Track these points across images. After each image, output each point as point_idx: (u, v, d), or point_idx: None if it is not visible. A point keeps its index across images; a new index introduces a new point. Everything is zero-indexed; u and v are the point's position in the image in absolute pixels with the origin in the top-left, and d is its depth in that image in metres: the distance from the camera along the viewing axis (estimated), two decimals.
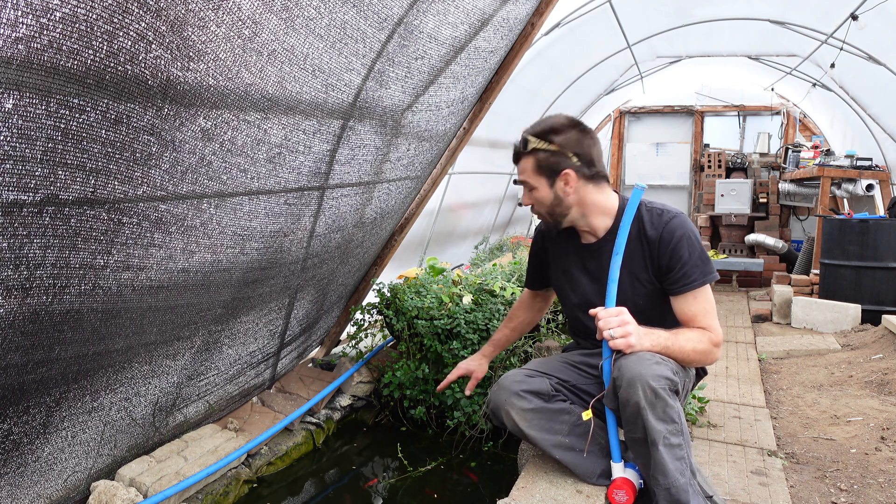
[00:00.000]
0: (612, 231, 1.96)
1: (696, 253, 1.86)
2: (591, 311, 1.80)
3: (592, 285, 2.02)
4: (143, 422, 2.34)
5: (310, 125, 2.00)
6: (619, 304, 1.87)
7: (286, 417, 2.87)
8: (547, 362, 2.07)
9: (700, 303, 1.87)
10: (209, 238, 1.94)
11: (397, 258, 4.03)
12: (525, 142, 1.91)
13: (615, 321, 1.74)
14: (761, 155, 7.63)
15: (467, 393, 2.35)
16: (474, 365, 2.38)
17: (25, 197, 1.31)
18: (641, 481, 1.83)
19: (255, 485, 2.62)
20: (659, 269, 1.89)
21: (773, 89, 7.50)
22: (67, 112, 1.26)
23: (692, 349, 1.80)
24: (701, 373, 2.13)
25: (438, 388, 2.42)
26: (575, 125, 1.92)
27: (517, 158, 1.97)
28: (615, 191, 2.03)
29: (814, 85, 6.42)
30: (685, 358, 1.81)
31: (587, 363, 2.06)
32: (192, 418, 2.66)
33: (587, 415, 1.84)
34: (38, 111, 1.21)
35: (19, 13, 1.07)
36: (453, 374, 2.37)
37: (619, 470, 1.83)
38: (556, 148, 1.88)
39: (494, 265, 4.14)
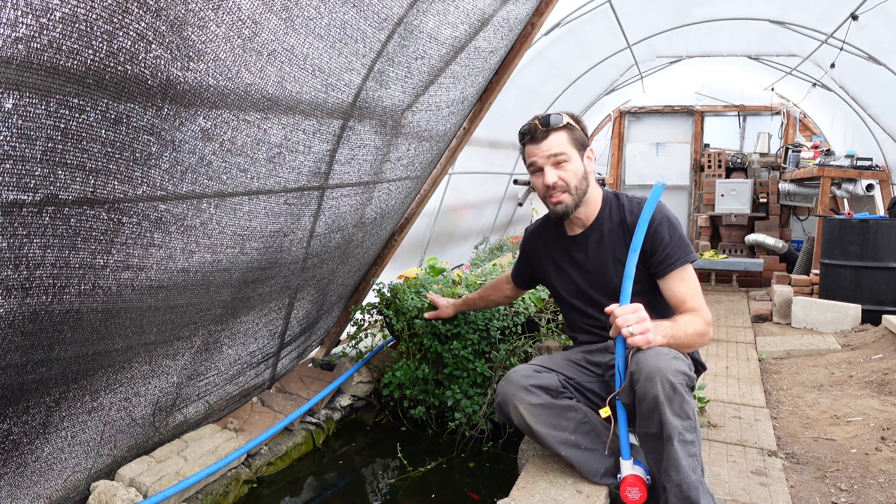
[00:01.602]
0: (597, 222, 2.08)
1: (677, 234, 1.95)
2: (607, 309, 1.80)
3: (582, 276, 2.11)
4: (143, 422, 2.34)
5: (310, 125, 2.00)
6: (608, 291, 1.95)
7: (286, 417, 2.87)
8: (552, 359, 2.09)
9: (688, 283, 1.94)
10: (209, 238, 1.94)
11: (397, 258, 4.03)
12: (558, 117, 1.98)
13: (633, 318, 1.75)
14: (761, 155, 7.63)
15: (426, 316, 2.94)
16: (443, 302, 2.88)
17: (25, 197, 1.31)
18: (649, 477, 1.83)
19: (255, 485, 2.62)
20: (643, 253, 1.94)
21: (773, 89, 7.50)
22: (67, 112, 1.26)
23: (693, 332, 1.84)
24: (700, 368, 2.15)
25: (430, 297, 2.96)
26: None
27: (545, 135, 1.98)
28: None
29: (814, 85, 6.42)
30: (689, 342, 1.84)
31: (590, 360, 2.08)
32: (192, 418, 2.66)
33: (605, 412, 1.84)
34: (38, 111, 1.21)
35: (19, 13, 1.07)
36: (430, 296, 2.95)
37: (628, 467, 1.83)
38: (581, 129, 2.04)
39: (494, 265, 4.14)
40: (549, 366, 2.02)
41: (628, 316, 1.75)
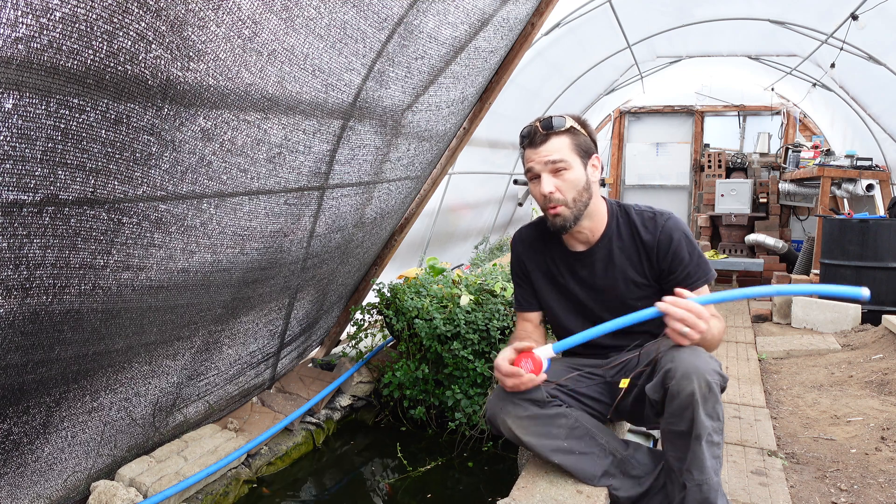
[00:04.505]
0: (605, 237, 1.94)
1: (696, 253, 1.88)
2: (677, 293, 1.68)
3: (587, 294, 1.99)
4: (143, 422, 2.34)
5: (310, 125, 2.00)
6: (615, 308, 1.87)
7: (286, 417, 2.87)
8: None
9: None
10: (209, 238, 1.94)
11: (397, 258, 4.03)
12: (561, 120, 1.83)
13: (693, 320, 1.64)
14: (761, 155, 7.63)
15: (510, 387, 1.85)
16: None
17: (25, 197, 1.31)
18: (550, 358, 1.82)
19: (255, 485, 2.62)
20: (659, 272, 1.89)
21: (773, 89, 7.50)
22: (67, 112, 1.26)
23: (718, 334, 1.79)
24: None
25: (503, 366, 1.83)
26: None
27: (544, 139, 1.82)
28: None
29: (814, 85, 6.43)
30: (713, 345, 1.80)
31: (591, 365, 2.05)
32: (192, 418, 2.66)
33: (624, 383, 1.83)
34: (38, 111, 1.21)
35: (19, 13, 1.07)
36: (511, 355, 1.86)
37: (547, 350, 1.81)
38: (587, 135, 1.89)
39: (494, 265, 4.14)
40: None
41: (690, 316, 1.63)
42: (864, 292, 1.51)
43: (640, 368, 1.80)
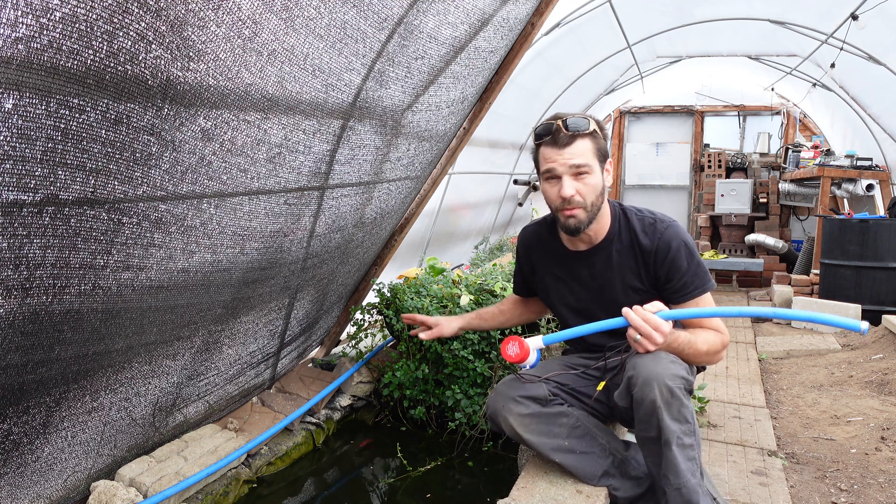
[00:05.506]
0: (607, 240, 1.94)
1: (694, 262, 1.85)
2: (624, 311, 1.71)
3: (586, 292, 2.00)
4: (143, 422, 2.34)
5: (310, 125, 2.00)
6: (612, 311, 1.85)
7: (286, 417, 2.87)
8: (545, 365, 2.06)
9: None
10: (209, 238, 1.94)
11: (397, 258, 4.03)
12: (585, 122, 1.79)
13: (646, 328, 1.68)
14: (761, 155, 7.63)
15: (412, 334, 2.36)
16: (444, 321, 2.32)
17: (25, 197, 1.31)
18: (541, 349, 1.86)
19: (255, 485, 2.62)
20: (656, 279, 1.88)
21: (773, 89, 7.50)
22: (67, 112, 1.26)
23: (706, 351, 1.79)
24: (700, 368, 2.13)
25: (403, 317, 2.40)
26: None
27: (569, 140, 1.78)
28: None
29: (814, 85, 6.43)
30: (697, 359, 1.80)
31: (587, 366, 2.05)
32: (192, 418, 2.66)
33: (601, 385, 1.86)
34: (38, 111, 1.21)
35: (19, 13, 1.07)
36: (421, 317, 2.34)
37: (537, 341, 1.86)
38: (604, 138, 1.87)
39: (494, 265, 4.14)
40: (539, 374, 1.98)
41: (645, 327, 1.67)
42: (864, 326, 1.51)
43: (613, 373, 1.81)
